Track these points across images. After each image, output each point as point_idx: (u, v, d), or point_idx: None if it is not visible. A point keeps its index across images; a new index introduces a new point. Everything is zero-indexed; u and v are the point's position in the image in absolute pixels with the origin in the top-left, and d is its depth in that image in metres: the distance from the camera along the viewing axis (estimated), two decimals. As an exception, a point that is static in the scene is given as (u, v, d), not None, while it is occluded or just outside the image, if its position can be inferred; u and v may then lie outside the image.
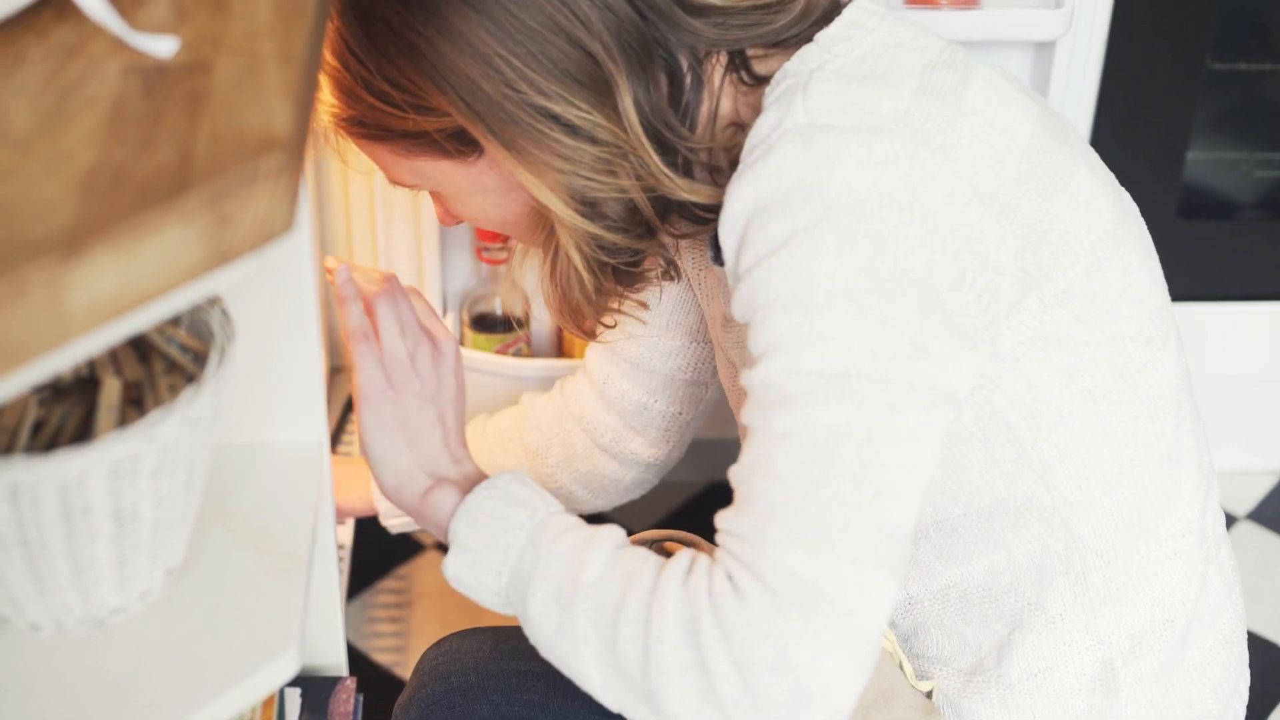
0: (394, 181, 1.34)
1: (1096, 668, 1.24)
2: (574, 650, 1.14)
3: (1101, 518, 1.22)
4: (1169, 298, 1.29)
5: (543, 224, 1.29)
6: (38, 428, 1.06)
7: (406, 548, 2.28)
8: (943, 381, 1.10)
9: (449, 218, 1.38)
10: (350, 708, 1.33)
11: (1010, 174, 1.14)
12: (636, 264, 1.31)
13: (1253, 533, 2.34)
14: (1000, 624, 1.25)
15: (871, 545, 1.06)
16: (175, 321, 1.08)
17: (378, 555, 2.25)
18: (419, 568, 2.25)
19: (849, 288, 1.07)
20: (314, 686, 1.34)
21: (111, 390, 1.06)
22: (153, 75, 0.92)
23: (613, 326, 1.40)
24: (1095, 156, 1.27)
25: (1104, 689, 1.25)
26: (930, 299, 1.09)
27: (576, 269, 1.27)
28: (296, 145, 0.88)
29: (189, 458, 1.01)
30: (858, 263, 1.07)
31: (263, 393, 1.22)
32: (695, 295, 1.50)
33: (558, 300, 1.33)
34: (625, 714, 1.14)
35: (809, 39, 1.20)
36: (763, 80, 1.22)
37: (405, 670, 2.08)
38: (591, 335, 1.42)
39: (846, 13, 1.21)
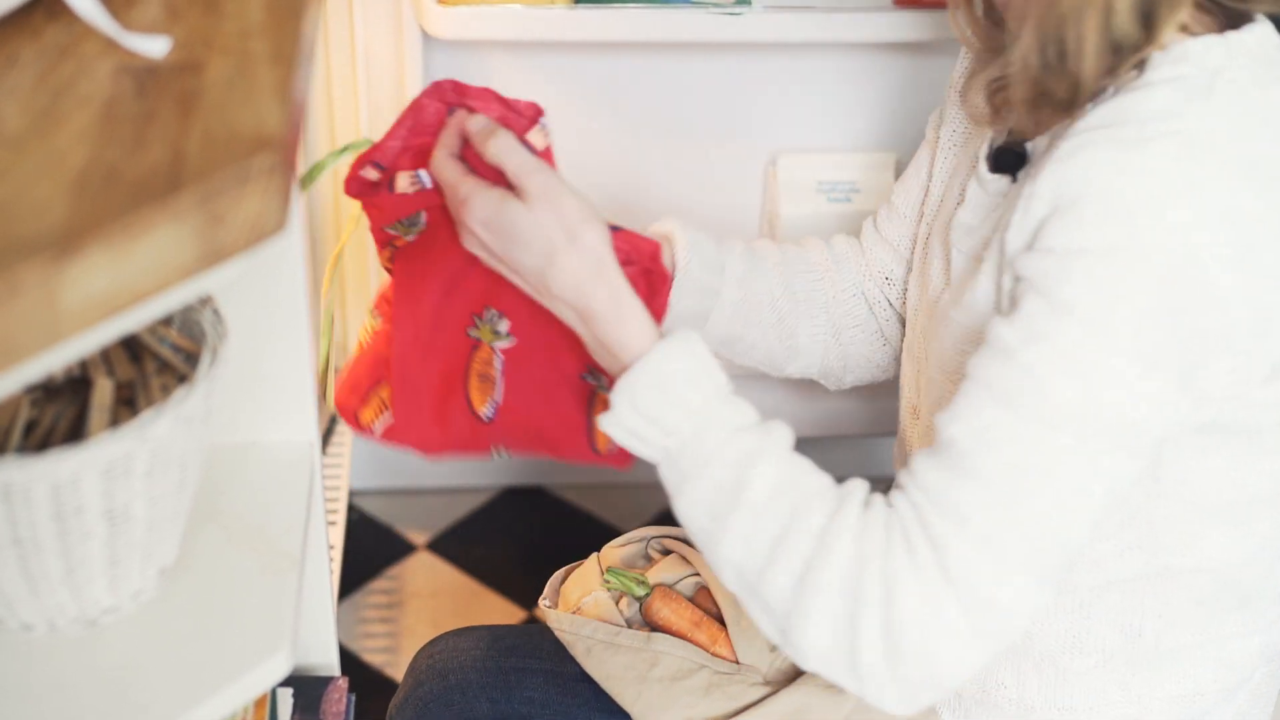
0: None
1: None
2: (713, 555, 1.14)
3: (1182, 588, 1.22)
4: None
5: None
6: (30, 428, 1.07)
7: (397, 548, 2.28)
8: (1163, 433, 1.10)
9: None
10: (342, 708, 1.33)
11: None
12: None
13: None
14: (1025, 657, 1.26)
15: (1051, 565, 1.08)
16: (167, 321, 1.08)
17: (368, 556, 2.25)
18: (409, 568, 2.25)
19: (1150, 327, 1.06)
20: (306, 686, 1.34)
21: (104, 390, 1.06)
22: (145, 75, 0.92)
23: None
24: None
25: None
26: (1202, 357, 1.08)
27: (1081, 34, 1.12)
28: (288, 145, 0.88)
29: (181, 457, 1.01)
30: (1168, 304, 1.05)
31: (254, 392, 1.22)
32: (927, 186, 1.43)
33: (1034, 61, 1.15)
34: (740, 604, 1.14)
35: (1227, 25, 1.14)
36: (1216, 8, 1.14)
37: (396, 670, 2.08)
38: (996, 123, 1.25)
39: (1259, 27, 1.15)
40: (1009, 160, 1.23)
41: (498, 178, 1.19)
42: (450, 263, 1.23)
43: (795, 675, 1.33)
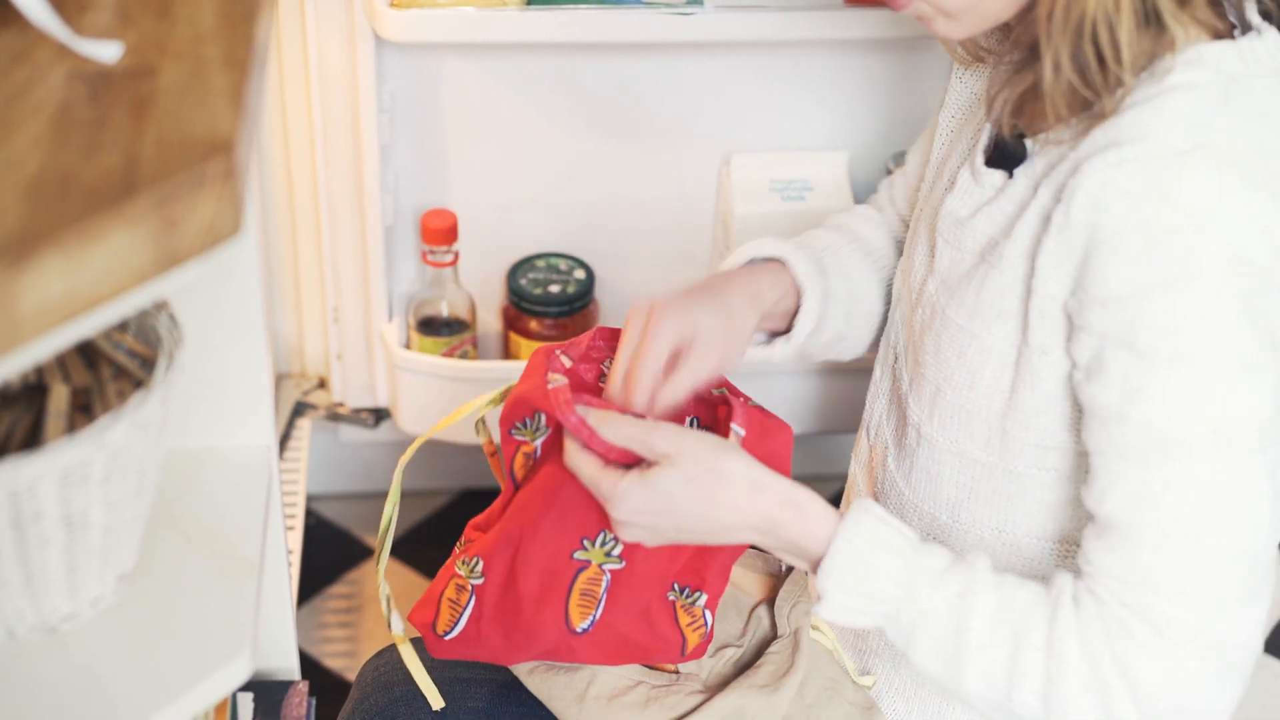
0: None
1: None
2: (961, 694, 1.18)
3: None
4: None
5: None
6: (-15, 435, 1.06)
7: (356, 553, 2.27)
8: None
9: None
10: (303, 712, 1.33)
11: None
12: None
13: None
14: None
15: (1256, 582, 1.11)
16: (123, 327, 1.08)
17: (327, 560, 2.25)
18: (368, 572, 2.25)
19: (1237, 334, 1.08)
20: (266, 691, 1.34)
21: (60, 397, 1.06)
22: (98, 81, 0.92)
23: None
24: None
25: None
26: None
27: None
28: (242, 148, 0.88)
29: (139, 463, 1.01)
30: (1244, 304, 1.08)
31: (211, 397, 1.21)
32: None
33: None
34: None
35: (1234, 28, 1.15)
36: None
37: (356, 674, 2.07)
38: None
39: (1269, 34, 1.16)
40: (1006, 155, 1.22)
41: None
42: (568, 491, 1.23)
43: (731, 678, 1.33)
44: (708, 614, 1.25)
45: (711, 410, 1.30)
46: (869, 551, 1.16)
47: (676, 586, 1.25)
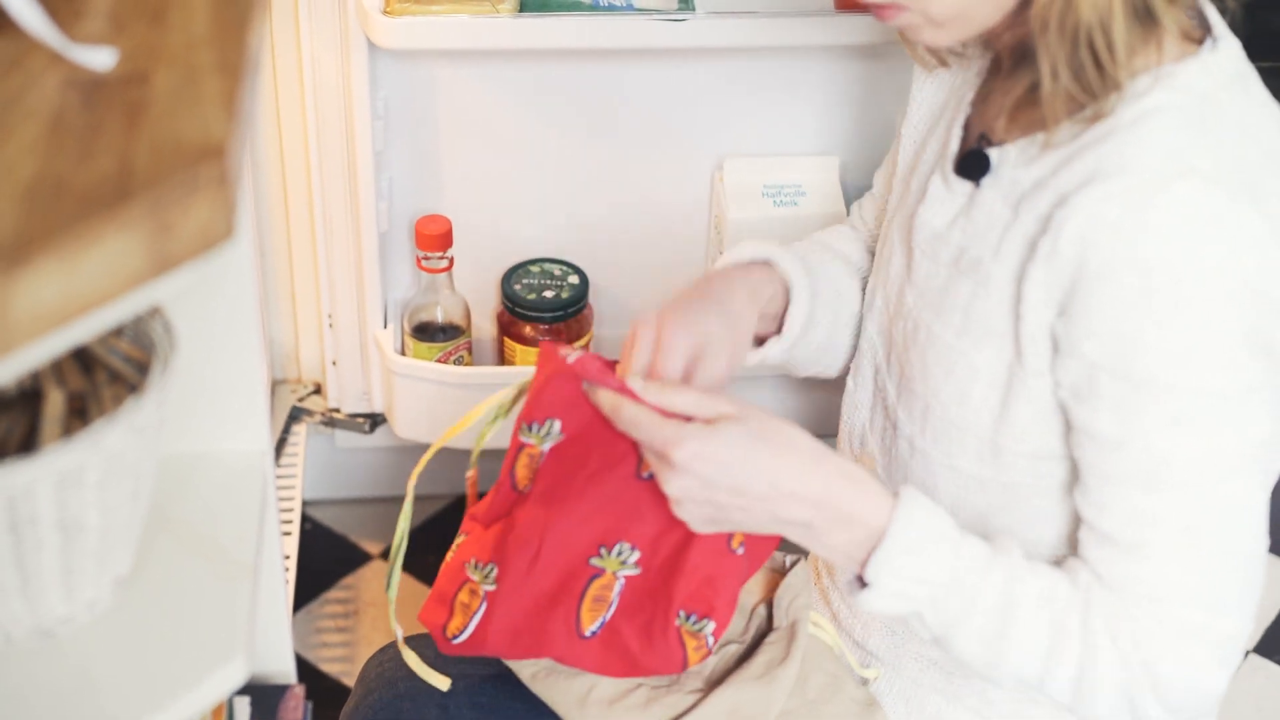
0: None
1: None
2: (994, 675, 1.21)
3: None
4: None
5: None
6: (-18, 440, 1.07)
7: (352, 558, 2.28)
8: None
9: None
10: (299, 716, 1.33)
11: None
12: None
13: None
14: None
15: (1252, 581, 1.18)
16: (118, 332, 1.08)
17: (324, 566, 2.25)
18: (365, 578, 2.25)
19: (1233, 359, 1.10)
20: (263, 695, 1.34)
21: (55, 401, 1.06)
22: (91, 87, 0.92)
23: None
24: None
25: None
26: None
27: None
28: (235, 153, 0.89)
29: (134, 467, 1.02)
30: (1240, 330, 1.10)
31: (206, 402, 1.22)
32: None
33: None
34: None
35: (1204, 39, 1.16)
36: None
37: (353, 679, 2.08)
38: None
39: (1226, 44, 1.17)
40: (973, 166, 1.24)
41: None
42: (587, 498, 1.23)
43: (725, 674, 1.34)
44: (712, 639, 1.25)
45: None
46: (925, 538, 1.16)
47: (683, 614, 1.25)
